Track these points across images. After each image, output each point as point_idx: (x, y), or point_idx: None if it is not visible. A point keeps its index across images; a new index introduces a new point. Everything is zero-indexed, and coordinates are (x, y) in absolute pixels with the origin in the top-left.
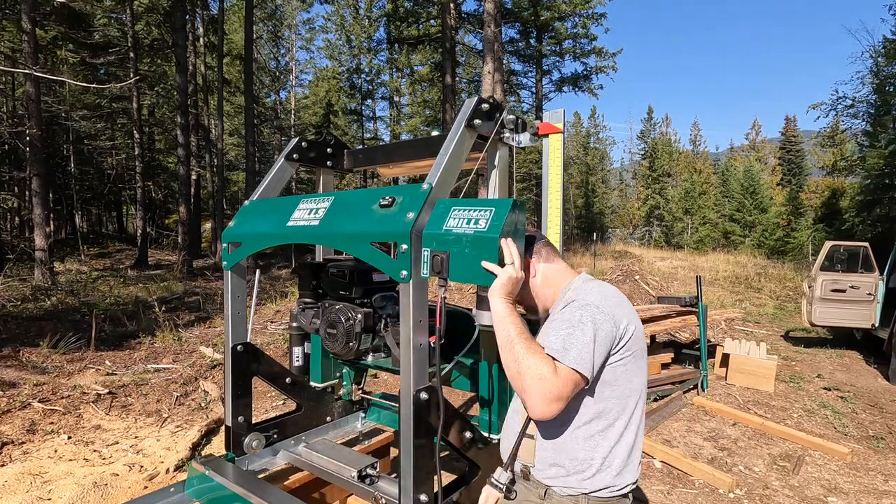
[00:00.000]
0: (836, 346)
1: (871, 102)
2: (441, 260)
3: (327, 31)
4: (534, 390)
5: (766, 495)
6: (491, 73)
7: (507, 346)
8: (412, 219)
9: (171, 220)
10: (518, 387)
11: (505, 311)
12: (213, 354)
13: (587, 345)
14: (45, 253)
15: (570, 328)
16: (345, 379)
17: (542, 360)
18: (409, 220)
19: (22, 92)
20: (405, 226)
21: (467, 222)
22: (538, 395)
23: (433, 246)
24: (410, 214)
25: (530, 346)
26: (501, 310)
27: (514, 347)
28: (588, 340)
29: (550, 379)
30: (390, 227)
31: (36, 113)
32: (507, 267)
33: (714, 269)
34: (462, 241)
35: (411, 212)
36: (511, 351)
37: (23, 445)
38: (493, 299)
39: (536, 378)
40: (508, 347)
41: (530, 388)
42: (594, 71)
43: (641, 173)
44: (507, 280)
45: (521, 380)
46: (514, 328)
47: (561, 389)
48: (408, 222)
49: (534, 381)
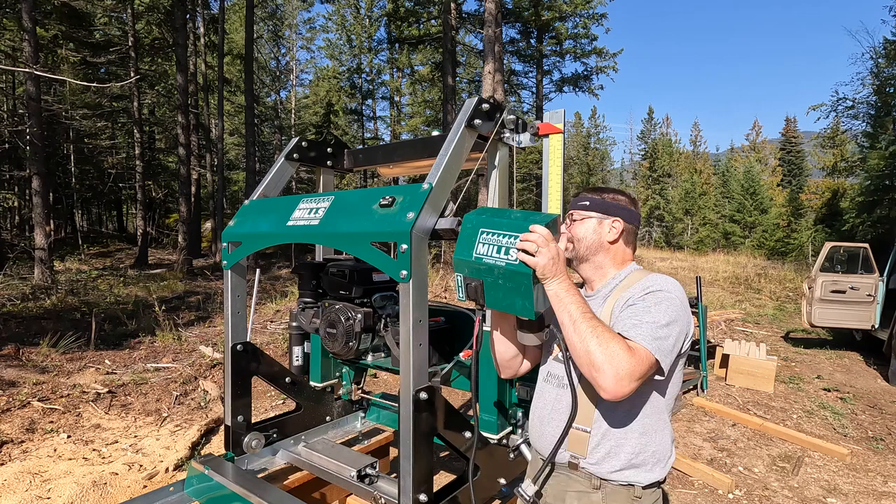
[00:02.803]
0: (836, 347)
1: (872, 103)
2: (475, 288)
3: (328, 31)
4: (606, 366)
5: (765, 496)
6: (491, 73)
7: (571, 326)
8: (412, 219)
9: (171, 220)
10: (587, 364)
11: (560, 290)
12: (213, 354)
13: (671, 331)
14: (46, 252)
15: (654, 314)
16: (344, 379)
17: (613, 337)
18: (410, 220)
19: (22, 91)
20: (405, 226)
21: (497, 251)
22: (611, 372)
23: (465, 272)
24: (410, 214)
25: (597, 324)
26: (556, 290)
27: (577, 326)
28: (672, 329)
29: (625, 356)
30: (390, 227)
31: (36, 112)
32: (539, 255)
33: (714, 269)
34: (494, 272)
35: (411, 212)
36: (576, 330)
37: (22, 444)
38: (546, 283)
39: (609, 355)
40: (573, 327)
41: (602, 364)
42: (595, 71)
43: (642, 174)
44: (543, 266)
45: (590, 357)
46: (574, 307)
47: (635, 367)
48: (408, 222)
49: (606, 358)
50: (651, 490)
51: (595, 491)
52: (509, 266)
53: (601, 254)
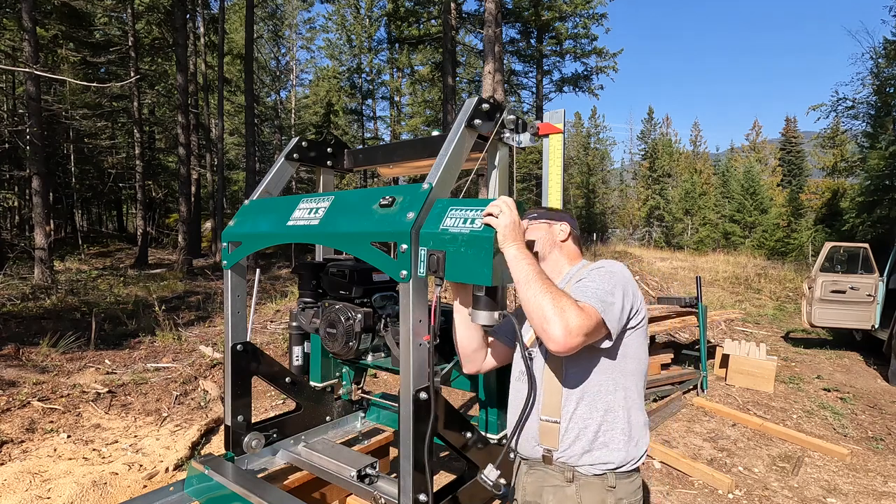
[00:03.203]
0: (836, 347)
1: (872, 104)
2: (437, 259)
3: (328, 31)
4: (556, 318)
5: (765, 496)
6: (491, 73)
7: (526, 284)
8: (412, 219)
9: (171, 220)
10: (539, 318)
11: (519, 253)
12: (213, 354)
13: (615, 298)
14: (46, 252)
15: (599, 283)
16: (344, 379)
17: (564, 295)
18: (410, 219)
19: (22, 91)
20: (405, 226)
21: (464, 222)
22: (561, 323)
23: (430, 245)
24: (410, 214)
25: (550, 284)
26: (515, 253)
27: (532, 285)
28: (617, 296)
29: (574, 310)
30: (390, 227)
31: (36, 112)
32: (501, 216)
33: (714, 269)
34: (458, 240)
35: (411, 212)
36: (529, 287)
37: (22, 444)
38: (504, 248)
39: (559, 308)
40: (527, 285)
41: (552, 316)
42: (595, 71)
43: (642, 174)
44: (504, 227)
45: (542, 311)
46: (531, 267)
47: (583, 322)
48: (408, 222)
49: (556, 311)
50: (626, 479)
51: (569, 484)
52: (473, 232)
53: (555, 251)
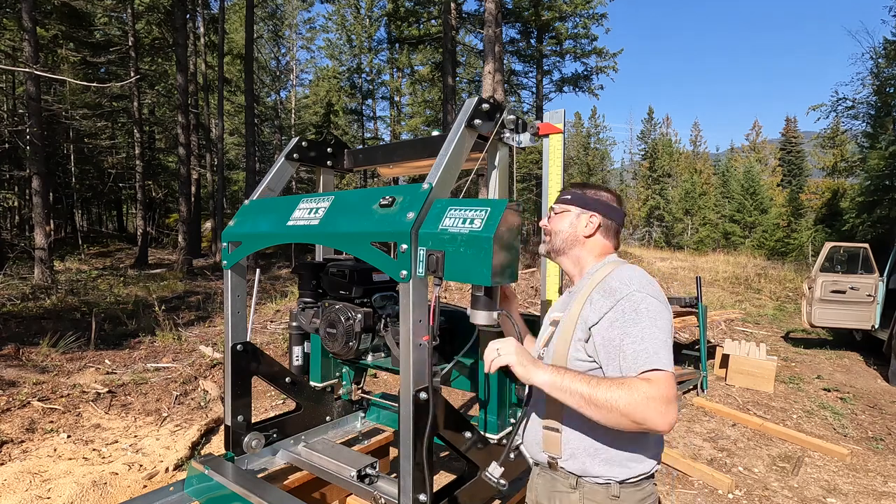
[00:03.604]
0: (836, 347)
1: (872, 104)
2: (437, 259)
3: (328, 31)
4: (648, 415)
5: (765, 496)
6: (491, 73)
7: (588, 406)
8: (412, 219)
9: (171, 220)
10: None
11: (552, 379)
12: (213, 354)
13: (670, 339)
14: (45, 252)
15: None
16: (344, 378)
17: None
18: (410, 219)
19: (22, 91)
20: (405, 226)
21: (463, 222)
22: (653, 414)
23: (429, 245)
24: (410, 214)
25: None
26: (548, 379)
27: (595, 401)
28: (670, 338)
29: (653, 394)
30: (390, 227)
31: (36, 112)
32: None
33: (714, 269)
34: (457, 240)
35: (411, 212)
36: (596, 407)
37: (22, 444)
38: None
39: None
40: (591, 406)
41: (643, 415)
42: (595, 71)
43: (642, 174)
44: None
45: (628, 416)
46: (577, 385)
47: (666, 392)
48: (408, 222)
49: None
50: (633, 488)
51: (573, 491)
52: (472, 232)
53: (577, 247)
